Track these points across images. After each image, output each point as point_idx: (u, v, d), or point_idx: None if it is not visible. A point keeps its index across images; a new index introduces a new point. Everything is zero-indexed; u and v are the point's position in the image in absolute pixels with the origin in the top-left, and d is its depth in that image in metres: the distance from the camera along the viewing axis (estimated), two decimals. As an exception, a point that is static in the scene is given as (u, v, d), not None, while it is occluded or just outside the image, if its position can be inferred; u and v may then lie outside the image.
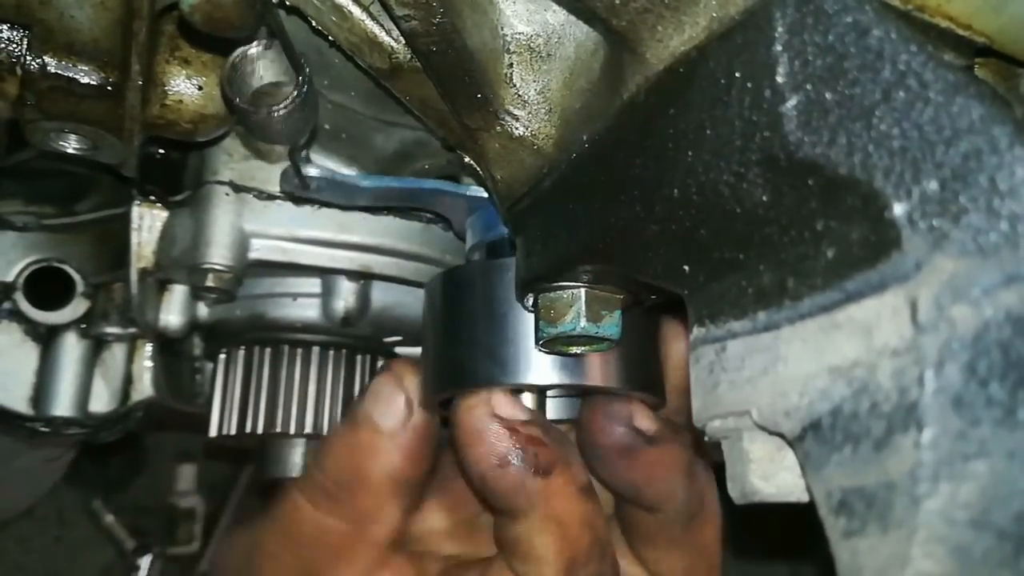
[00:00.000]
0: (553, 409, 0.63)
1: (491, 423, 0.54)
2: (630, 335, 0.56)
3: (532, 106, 0.51)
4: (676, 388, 0.62)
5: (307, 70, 0.53)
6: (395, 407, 0.59)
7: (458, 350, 0.58)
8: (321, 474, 0.60)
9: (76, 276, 0.86)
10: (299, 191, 0.66)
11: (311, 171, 0.64)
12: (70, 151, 0.61)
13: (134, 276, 0.77)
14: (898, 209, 0.30)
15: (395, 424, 0.59)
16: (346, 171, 0.74)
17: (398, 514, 0.60)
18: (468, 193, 0.65)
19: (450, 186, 0.66)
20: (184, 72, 0.62)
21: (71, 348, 0.88)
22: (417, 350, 0.88)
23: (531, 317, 0.57)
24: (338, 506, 0.59)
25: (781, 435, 0.35)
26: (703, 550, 0.63)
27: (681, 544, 0.62)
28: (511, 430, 0.54)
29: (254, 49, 0.54)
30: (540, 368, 0.56)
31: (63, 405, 0.87)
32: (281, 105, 0.52)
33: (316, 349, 0.82)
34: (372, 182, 0.67)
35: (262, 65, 0.54)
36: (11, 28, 0.53)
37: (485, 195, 0.64)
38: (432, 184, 0.66)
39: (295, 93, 0.52)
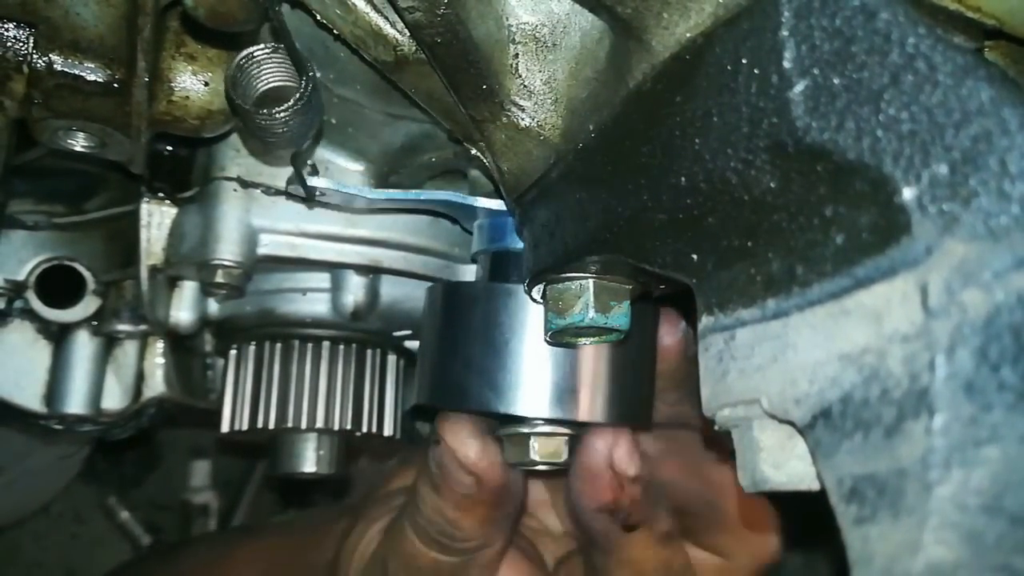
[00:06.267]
0: None
1: (605, 471, 0.57)
2: (621, 368, 0.58)
3: (538, 96, 0.51)
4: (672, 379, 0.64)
5: (311, 73, 0.52)
6: (465, 480, 0.59)
7: (453, 369, 0.60)
8: (425, 522, 0.61)
9: (87, 274, 0.87)
10: (303, 195, 0.66)
11: (317, 182, 0.64)
12: (78, 149, 0.61)
13: (144, 273, 0.77)
14: (907, 193, 0.29)
15: (472, 490, 0.59)
16: (353, 165, 0.74)
17: (503, 538, 0.64)
18: (478, 204, 0.66)
19: (459, 197, 0.66)
20: (190, 68, 0.62)
21: (83, 346, 0.89)
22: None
23: (528, 347, 0.58)
24: (446, 548, 0.62)
25: (791, 423, 0.35)
26: (757, 526, 0.67)
27: (734, 528, 0.66)
28: (619, 485, 0.57)
29: (260, 52, 0.54)
30: (532, 401, 0.57)
31: (76, 403, 0.88)
32: (285, 108, 0.52)
33: (326, 344, 0.82)
34: (378, 195, 0.67)
35: (268, 68, 0.54)
36: (17, 27, 0.53)
37: (495, 206, 0.65)
38: (442, 196, 0.66)
39: (299, 96, 0.52)
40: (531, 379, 0.57)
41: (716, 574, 0.67)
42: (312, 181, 0.64)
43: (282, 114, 0.53)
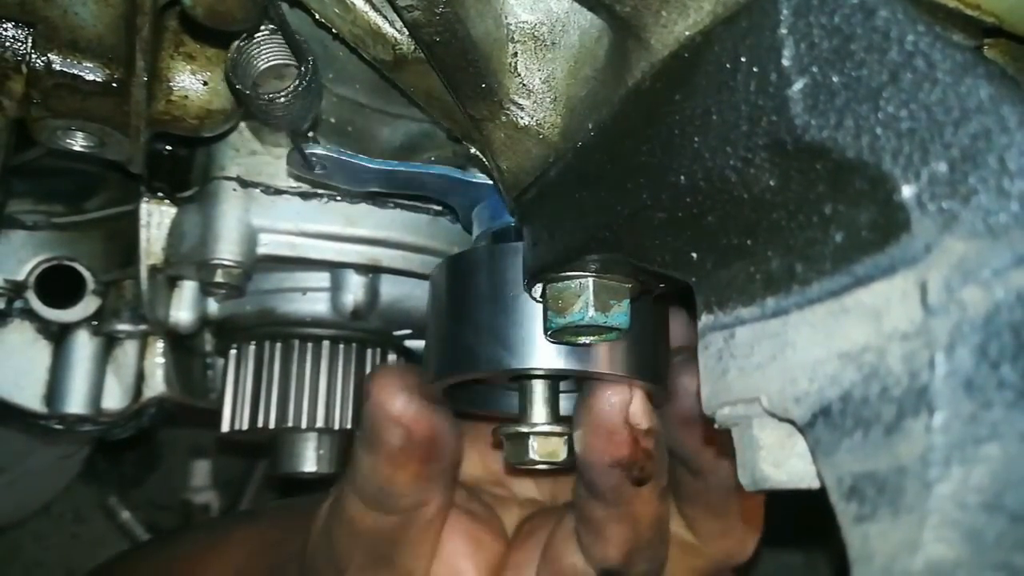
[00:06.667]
0: None
1: (622, 427, 0.55)
2: (638, 325, 0.56)
3: (537, 95, 0.51)
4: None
5: (311, 58, 0.52)
6: (395, 433, 0.59)
7: (463, 334, 0.58)
8: (363, 482, 0.62)
9: (86, 274, 0.87)
10: (305, 172, 0.66)
11: (316, 149, 0.64)
12: (77, 149, 0.61)
13: (144, 273, 0.77)
14: (907, 191, 0.29)
15: (402, 442, 0.60)
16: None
17: (440, 494, 0.64)
18: (474, 180, 0.65)
19: (457, 172, 0.66)
20: (189, 68, 0.62)
21: (83, 346, 0.89)
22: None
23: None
24: (385, 507, 0.62)
25: (791, 421, 0.35)
26: (740, 518, 0.66)
27: (719, 510, 0.65)
28: (634, 439, 0.56)
29: (259, 35, 0.54)
30: (546, 354, 0.56)
31: (76, 402, 0.88)
32: (284, 91, 0.52)
33: (326, 343, 0.82)
34: (378, 164, 0.66)
35: (267, 50, 0.54)
36: (16, 26, 0.53)
37: (491, 182, 0.64)
38: (438, 169, 0.66)
39: (297, 81, 0.52)
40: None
41: (680, 551, 0.66)
42: (311, 149, 0.64)
43: (283, 98, 0.53)
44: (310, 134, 0.64)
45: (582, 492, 0.60)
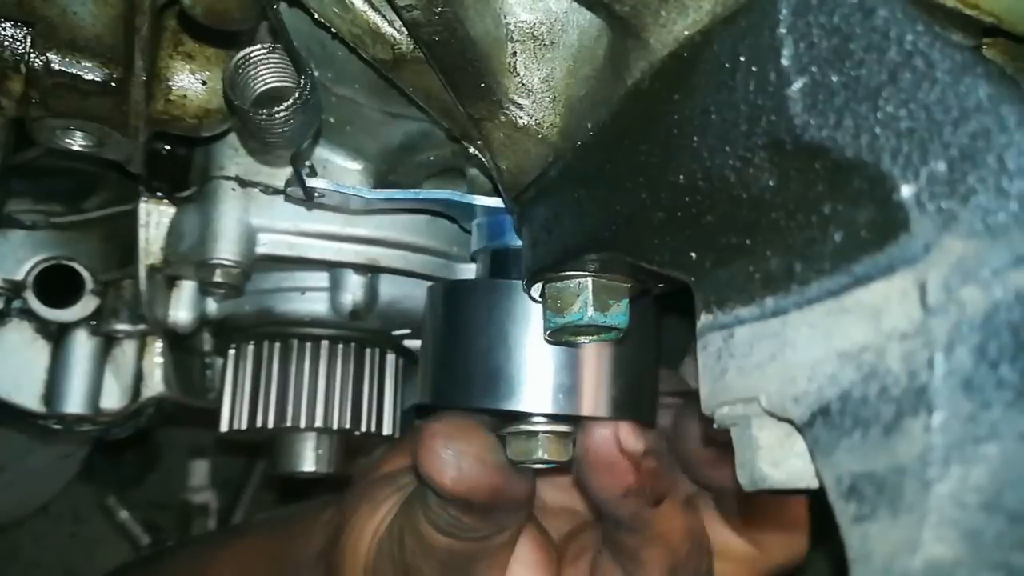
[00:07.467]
0: None
1: (620, 457, 0.57)
2: (625, 363, 0.58)
3: (536, 95, 0.51)
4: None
5: (309, 72, 0.52)
6: (454, 501, 0.58)
7: (455, 368, 0.59)
8: (433, 515, 0.61)
9: (85, 274, 0.87)
10: (303, 198, 0.66)
11: (317, 183, 0.64)
12: (76, 148, 0.61)
13: (142, 273, 0.77)
14: (906, 191, 0.29)
15: (462, 506, 0.58)
16: (352, 164, 0.74)
17: (516, 521, 0.64)
18: (476, 203, 0.66)
19: (458, 196, 0.66)
20: (188, 67, 0.62)
21: (81, 345, 0.89)
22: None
23: (530, 343, 0.57)
24: (457, 536, 0.62)
25: (790, 421, 0.35)
26: (793, 522, 0.69)
27: (774, 518, 0.67)
28: (635, 465, 0.57)
29: (257, 52, 0.54)
30: (535, 396, 0.57)
31: (74, 402, 0.88)
32: (283, 108, 0.52)
33: (325, 343, 0.82)
34: (377, 195, 0.67)
35: (265, 68, 0.54)
36: (14, 26, 0.53)
37: (494, 204, 0.65)
38: (440, 195, 0.66)
39: (297, 96, 0.52)
40: (534, 374, 0.57)
41: (744, 563, 0.68)
42: (311, 182, 0.64)
43: (281, 114, 0.53)
44: (308, 163, 0.64)
45: (608, 530, 0.62)
